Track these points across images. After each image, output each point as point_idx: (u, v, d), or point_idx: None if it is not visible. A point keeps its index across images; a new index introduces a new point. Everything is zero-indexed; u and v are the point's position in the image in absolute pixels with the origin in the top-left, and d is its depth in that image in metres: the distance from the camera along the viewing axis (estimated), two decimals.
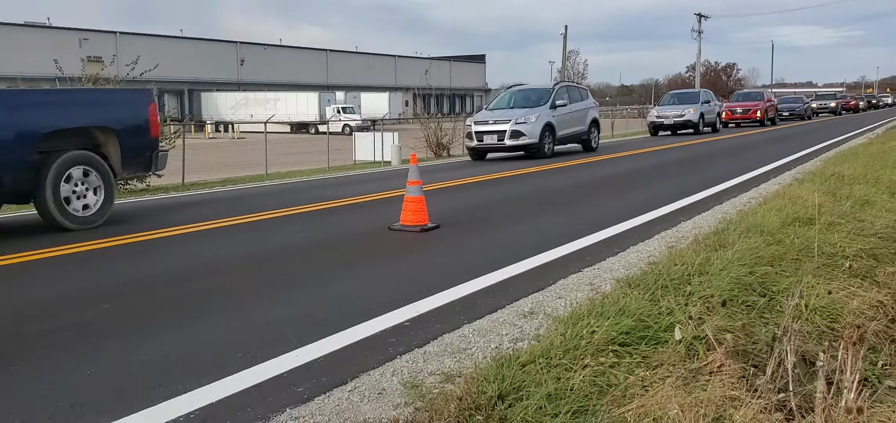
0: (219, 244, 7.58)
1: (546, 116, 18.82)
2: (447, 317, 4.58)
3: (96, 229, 8.66)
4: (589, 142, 20.79)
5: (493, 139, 18.68)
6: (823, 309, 4.30)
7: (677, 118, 29.41)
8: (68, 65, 17.26)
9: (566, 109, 19.67)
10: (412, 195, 7.93)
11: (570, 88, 21.21)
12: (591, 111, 21.28)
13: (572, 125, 20.06)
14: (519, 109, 19.23)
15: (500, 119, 18.91)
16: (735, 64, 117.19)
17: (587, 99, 21.69)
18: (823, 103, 59.86)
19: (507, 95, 21.12)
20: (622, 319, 3.97)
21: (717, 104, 32.75)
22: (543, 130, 18.54)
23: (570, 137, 20.07)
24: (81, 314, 4.93)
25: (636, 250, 6.47)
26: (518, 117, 18.54)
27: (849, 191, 8.61)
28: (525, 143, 18.33)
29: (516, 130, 18.32)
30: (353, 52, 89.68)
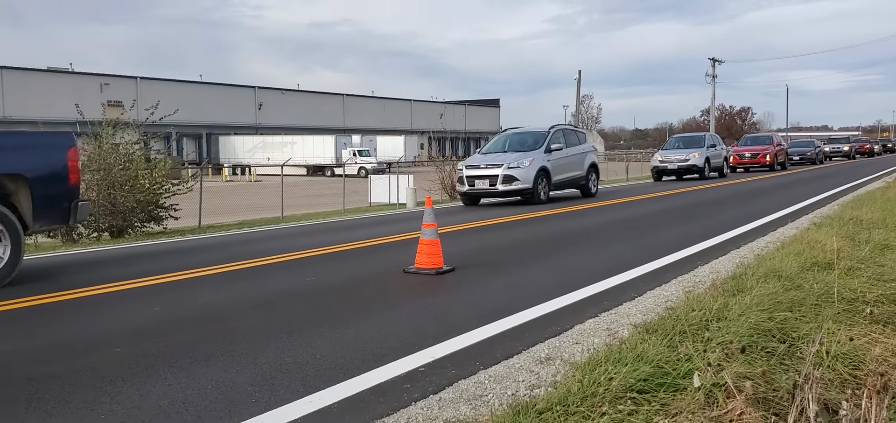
0: (231, 287, 7.58)
1: (540, 160, 18.06)
2: (463, 362, 4.54)
3: (103, 272, 8.69)
4: (587, 187, 20.02)
5: (484, 184, 17.94)
6: (845, 356, 4.22)
7: (681, 163, 28.42)
8: (89, 109, 17.54)
9: (562, 154, 18.93)
10: (427, 238, 7.92)
11: (566, 132, 20.32)
12: (589, 155, 20.53)
13: (569, 170, 19.35)
14: (512, 152, 18.54)
15: (492, 163, 18.14)
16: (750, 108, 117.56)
17: (585, 143, 20.95)
18: (836, 147, 58.40)
19: (501, 138, 20.48)
20: (640, 365, 3.91)
21: (724, 148, 31.88)
22: (538, 174, 17.80)
23: (567, 182, 19.39)
24: (86, 358, 4.92)
25: (653, 294, 6.41)
26: (510, 162, 17.79)
27: (868, 235, 8.52)
28: (518, 188, 17.62)
29: (509, 174, 17.60)
30: (370, 96, 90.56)
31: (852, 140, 65.22)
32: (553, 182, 18.34)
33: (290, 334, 5.38)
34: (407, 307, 6.27)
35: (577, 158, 19.78)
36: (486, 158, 18.85)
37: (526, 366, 4.43)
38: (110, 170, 14.93)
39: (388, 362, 4.56)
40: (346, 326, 5.58)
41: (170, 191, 15.93)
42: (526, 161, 17.74)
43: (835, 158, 54.09)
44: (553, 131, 19.23)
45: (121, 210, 14.81)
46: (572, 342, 4.92)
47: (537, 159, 17.97)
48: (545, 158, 18.20)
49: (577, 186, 19.85)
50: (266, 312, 6.25)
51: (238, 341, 5.23)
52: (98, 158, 15.13)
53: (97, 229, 14.77)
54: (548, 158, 18.29)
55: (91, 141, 15.78)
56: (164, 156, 17.98)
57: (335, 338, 5.22)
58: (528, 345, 4.88)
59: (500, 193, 17.85)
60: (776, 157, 35.52)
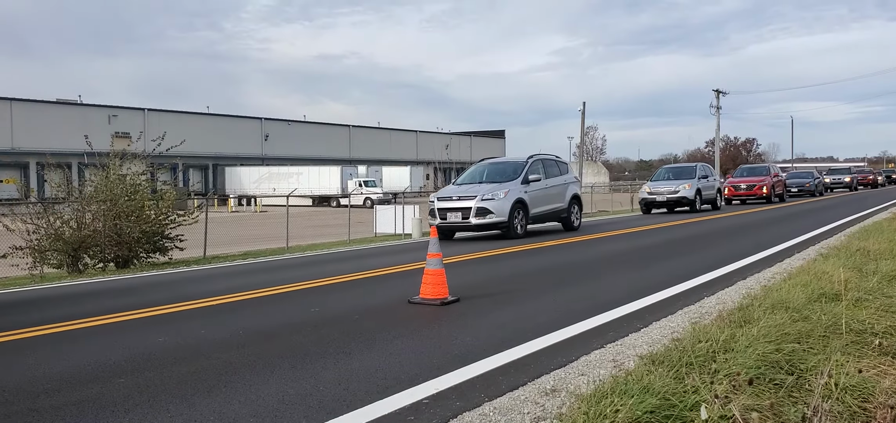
0: (235, 318, 7.55)
1: (517, 191, 17.17)
2: (467, 394, 4.50)
3: (108, 302, 8.68)
4: (569, 220, 18.96)
5: (457, 217, 16.91)
6: (854, 388, 4.16)
7: (671, 195, 27.14)
8: (97, 140, 17.64)
9: (541, 185, 18.02)
10: (432, 268, 7.89)
11: (545, 162, 19.18)
12: (571, 187, 19.48)
13: (548, 202, 18.36)
14: (488, 183, 17.61)
15: (465, 195, 17.20)
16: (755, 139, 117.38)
17: (567, 174, 19.92)
18: (837, 178, 55.59)
19: (478, 168, 19.47)
20: (646, 397, 3.86)
21: (717, 180, 30.32)
22: (514, 207, 16.85)
23: (547, 214, 18.44)
24: (90, 389, 4.90)
25: (659, 325, 6.36)
26: (484, 193, 16.87)
27: (875, 266, 8.46)
28: (493, 221, 16.64)
29: (482, 207, 16.64)
30: (376, 127, 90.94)
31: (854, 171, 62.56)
32: (531, 215, 17.51)
33: (293, 365, 5.35)
34: (411, 338, 6.23)
35: (558, 189, 18.86)
36: (459, 189, 17.99)
37: (531, 398, 4.39)
38: (117, 201, 14.98)
39: (393, 393, 4.53)
40: (350, 357, 5.55)
41: (175, 222, 15.96)
42: (501, 193, 16.89)
43: (836, 190, 52.17)
44: (531, 162, 18.35)
45: (126, 241, 14.84)
46: (578, 374, 4.88)
47: (513, 191, 17.12)
48: (522, 189, 17.38)
49: (558, 218, 18.98)
50: (270, 343, 6.22)
51: (241, 373, 5.20)
52: (105, 188, 15.19)
53: (103, 260, 14.79)
54: (525, 189, 17.46)
55: (98, 172, 15.85)
56: (170, 187, 18.05)
57: (339, 369, 5.19)
58: (533, 376, 4.84)
59: (474, 227, 16.86)
60: (773, 188, 33.84)
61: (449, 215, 17.04)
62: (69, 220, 14.89)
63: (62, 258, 14.54)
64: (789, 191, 39.07)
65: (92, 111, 61.96)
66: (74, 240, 14.51)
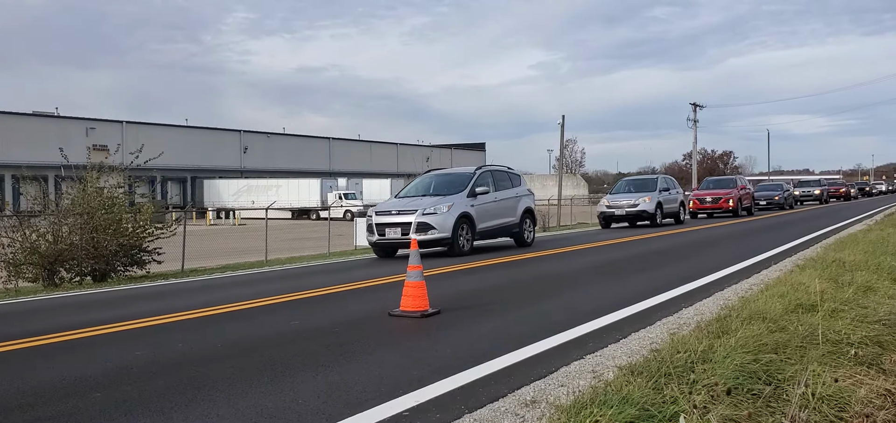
0: (214, 331, 7.49)
1: (462, 205, 16.02)
2: (448, 406, 4.49)
3: (85, 315, 8.59)
4: (521, 235, 17.80)
5: (396, 233, 15.66)
6: (830, 398, 4.21)
7: (630, 208, 25.85)
8: (74, 153, 17.49)
9: (489, 198, 16.91)
10: (413, 280, 7.88)
11: (496, 173, 18.13)
12: (523, 200, 18.29)
13: (498, 216, 17.19)
14: (432, 196, 16.47)
15: (405, 209, 16.00)
16: (731, 152, 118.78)
17: (520, 186, 18.72)
18: (807, 191, 52.71)
19: (424, 180, 18.30)
20: (626, 407, 3.88)
21: (680, 192, 28.99)
22: (458, 221, 15.68)
23: (497, 229, 17.26)
24: (66, 403, 4.84)
25: (638, 336, 6.40)
26: (425, 207, 15.69)
27: (851, 277, 8.56)
28: (435, 237, 15.41)
29: (423, 222, 15.42)
30: (356, 139, 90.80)
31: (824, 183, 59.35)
32: (478, 230, 16.40)
33: (272, 378, 5.32)
34: (391, 351, 6.22)
35: (509, 202, 17.73)
36: (400, 202, 16.83)
37: (511, 409, 4.39)
38: (94, 214, 14.82)
39: (372, 406, 4.51)
40: (329, 370, 5.52)
41: (153, 235, 15.82)
42: (444, 206, 15.71)
43: (806, 203, 50.04)
44: (479, 173, 17.30)
45: (103, 254, 14.68)
46: (557, 385, 4.89)
47: (458, 204, 15.97)
48: (468, 202, 16.24)
49: (510, 233, 17.81)
50: (248, 356, 6.17)
51: (219, 386, 5.16)
52: (82, 201, 15.03)
53: (79, 273, 14.62)
54: (471, 202, 16.32)
55: (75, 185, 15.69)
56: (148, 200, 17.89)
57: (318, 383, 5.16)
58: (513, 388, 4.84)
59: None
60: (740, 201, 32.54)
61: (388, 230, 15.88)
62: (45, 233, 14.71)
63: (38, 272, 14.36)
64: (758, 204, 38.10)
65: (69, 124, 61.36)
66: (50, 253, 14.33)
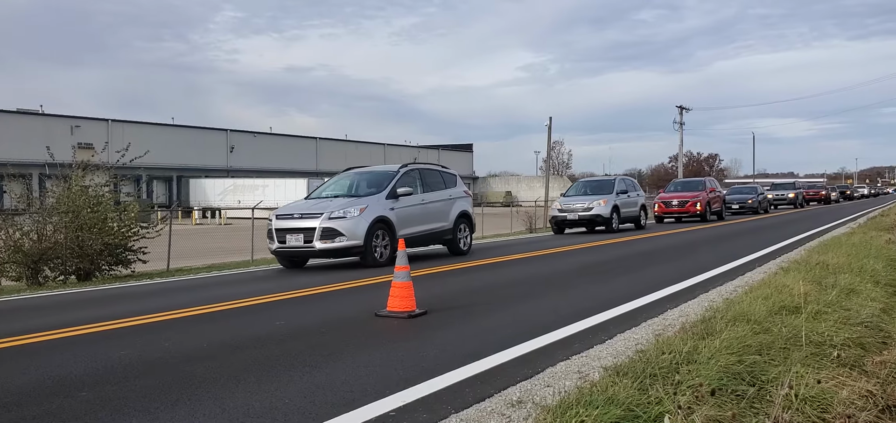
0: (199, 331, 7.47)
1: (378, 208, 14.05)
2: (434, 406, 4.50)
3: (69, 314, 8.54)
4: (454, 242, 15.87)
5: (297, 240, 13.62)
6: (813, 399, 4.25)
7: (584, 212, 23.91)
8: (59, 151, 17.37)
9: (414, 200, 14.98)
10: (400, 281, 7.88)
11: (425, 172, 16.10)
12: (458, 203, 16.29)
13: (426, 221, 15.21)
14: (343, 198, 14.52)
15: (309, 212, 13.87)
16: (717, 154, 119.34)
17: (454, 186, 16.59)
18: (781, 194, 50.07)
19: (341, 178, 16.22)
20: (611, 408, 3.91)
21: (641, 195, 26.98)
22: (373, 227, 13.69)
23: (424, 236, 15.26)
24: (50, 403, 4.81)
25: (623, 337, 6.43)
26: (333, 210, 13.61)
27: (834, 280, 8.64)
28: (344, 245, 13.44)
29: (329, 227, 13.39)
30: (343, 139, 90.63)
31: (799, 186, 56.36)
32: (399, 236, 13.62)
33: (258, 379, 5.31)
34: (378, 351, 6.22)
35: (440, 205, 15.75)
36: (307, 204, 14.84)
37: (497, 410, 4.41)
38: (79, 212, 14.72)
39: (358, 406, 4.52)
40: (315, 370, 5.52)
41: (139, 234, 15.73)
42: (354, 209, 13.67)
43: (781, 207, 47.55)
44: (404, 172, 15.28)
45: (88, 253, 14.58)
46: (543, 385, 4.91)
47: (373, 207, 13.99)
48: (387, 205, 14.27)
49: (441, 240, 15.83)
50: (234, 356, 6.16)
51: (205, 386, 5.15)
52: (67, 200, 14.93)
53: (64, 272, 14.52)
54: (391, 205, 14.36)
55: (60, 183, 15.58)
56: (133, 199, 17.78)
57: (305, 383, 5.16)
58: (499, 388, 4.86)
59: (319, 253, 13.61)
60: (709, 205, 30.52)
61: (289, 237, 13.78)
62: (29, 232, 14.59)
63: (21, 271, 14.24)
64: (730, 208, 36.62)
65: (54, 121, 60.87)
66: (34, 252, 14.23)
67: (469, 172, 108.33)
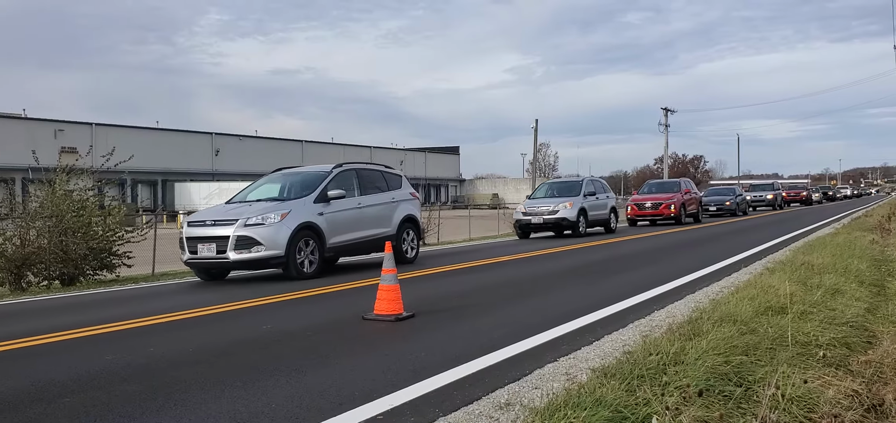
0: (185, 335, 7.42)
1: (304, 213, 12.63)
2: (422, 410, 4.48)
3: (53, 320, 8.46)
4: (398, 250, 14.25)
5: (209, 250, 12.12)
6: (800, 399, 4.27)
7: (548, 216, 22.66)
8: (43, 155, 17.24)
9: (349, 203, 13.59)
10: (387, 284, 7.86)
11: (364, 173, 14.66)
12: (402, 206, 14.94)
13: (363, 227, 13.84)
14: (265, 202, 13.12)
15: (224, 219, 12.43)
16: (702, 156, 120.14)
17: (398, 188, 15.25)
18: (759, 196, 48.21)
19: (269, 180, 14.69)
20: (599, 410, 3.91)
21: (611, 197, 25.64)
22: (297, 235, 12.22)
23: (362, 243, 13.89)
24: (33, 409, 4.76)
25: (611, 338, 6.44)
26: (250, 216, 12.15)
27: (819, 280, 8.69)
28: (262, 256, 11.96)
29: (245, 235, 11.90)
30: (329, 142, 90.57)
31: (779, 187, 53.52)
32: (330, 245, 13.01)
33: (245, 383, 5.27)
34: (365, 354, 6.20)
35: (381, 209, 14.42)
36: (223, 210, 13.39)
37: (485, 412, 4.40)
38: (63, 217, 14.60)
39: (346, 410, 4.49)
40: (302, 374, 5.49)
41: (123, 238, 15.61)
42: (275, 215, 12.22)
43: (760, 209, 46.02)
44: (336, 173, 13.79)
45: (72, 258, 14.45)
46: (531, 387, 4.90)
47: (298, 212, 12.56)
48: (314, 210, 12.86)
49: (382, 248, 14.10)
50: (221, 360, 6.12)
51: (191, 391, 5.11)
52: (50, 204, 14.80)
53: (48, 277, 14.38)
54: (320, 209, 12.95)
55: (44, 187, 15.45)
56: (118, 203, 17.66)
57: (291, 387, 5.13)
58: (487, 390, 4.85)
59: (233, 264, 12.24)
60: (684, 207, 29.24)
61: (201, 246, 12.29)
62: (12, 236, 14.45)
63: (4, 276, 14.09)
64: (707, 210, 35.36)
65: (37, 126, 60.42)
66: (17, 257, 14.08)
67: (456, 175, 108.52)
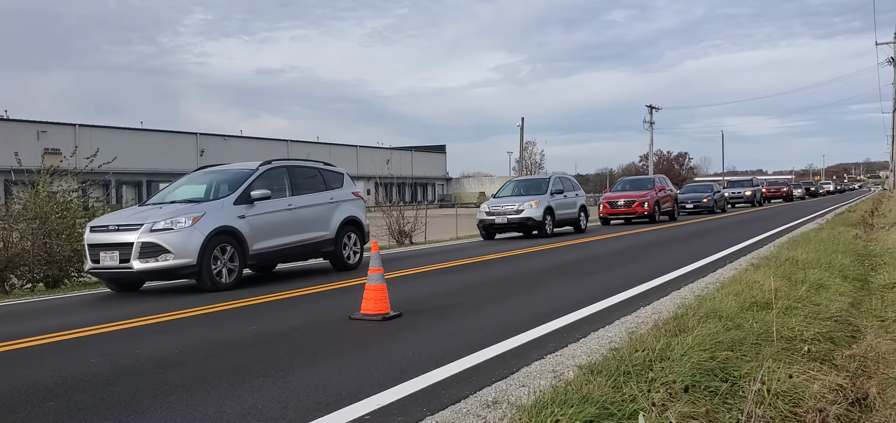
0: (171, 337, 7.38)
1: (221, 216, 11.24)
2: (409, 409, 4.48)
3: (37, 323, 8.39)
4: (337, 255, 13.29)
5: (112, 258, 10.80)
6: (785, 394, 4.30)
7: (513, 216, 21.43)
8: (26, 156, 17.12)
9: (277, 205, 12.25)
10: (373, 283, 7.85)
11: (296, 171, 13.27)
12: (343, 207, 13.58)
13: (294, 231, 12.51)
14: (181, 203, 11.82)
15: (128, 223, 11.06)
16: (686, 153, 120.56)
17: (339, 187, 13.87)
18: (738, 192, 47.02)
19: (193, 180, 13.27)
20: (586, 406, 3.92)
21: (581, 196, 24.37)
22: (212, 241, 10.87)
23: (293, 249, 12.60)
24: (16, 414, 4.72)
25: (597, 335, 6.46)
26: (157, 220, 10.82)
27: (803, 275, 8.75)
28: (169, 265, 10.65)
29: (151, 242, 10.60)
30: (315, 142, 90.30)
31: (757, 182, 52.31)
32: (253, 251, 11.66)
33: (231, 384, 5.25)
34: (352, 354, 6.18)
35: (317, 211, 13.11)
36: (132, 212, 12.17)
37: (473, 410, 4.40)
38: (47, 219, 14.49)
39: (333, 410, 4.48)
40: (289, 375, 5.47)
41: None
42: (185, 219, 10.84)
43: (739, 205, 45.03)
44: (262, 171, 12.39)
45: (57, 260, 14.35)
46: (519, 385, 4.91)
47: (213, 215, 11.16)
48: (234, 212, 11.48)
49: (320, 253, 13.31)
50: (207, 361, 6.09)
51: (177, 393, 5.08)
52: (34, 206, 14.68)
53: (32, 280, 14.27)
54: (241, 212, 11.57)
55: (27, 189, 15.32)
56: (102, 204, 17.54)
57: (278, 388, 5.11)
58: (474, 389, 4.85)
59: (138, 275, 10.93)
60: (658, 205, 28.09)
61: (103, 254, 11.01)
62: None
63: None
64: (684, 207, 34.52)
65: (19, 127, 59.89)
66: (0, 260, 13.97)
67: (443, 174, 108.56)
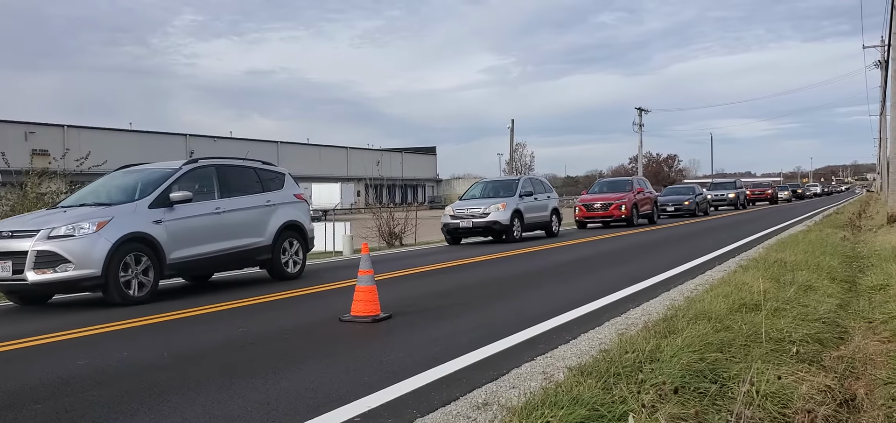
0: (159, 338, 7.34)
1: (133, 221, 10.03)
2: (399, 411, 4.47)
3: (23, 325, 8.33)
4: (274, 263, 12.12)
5: (4, 269, 9.47)
6: (774, 395, 4.31)
7: (478, 219, 20.16)
8: (14, 158, 17.05)
9: (202, 208, 11.03)
10: (363, 285, 7.83)
11: (227, 170, 11.94)
12: (281, 210, 12.37)
13: (223, 237, 11.28)
14: (91, 206, 10.48)
15: (23, 230, 9.78)
16: (676, 155, 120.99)
17: (279, 189, 12.63)
18: (721, 194, 45.41)
19: (113, 180, 11.68)
20: (576, 408, 3.92)
21: (553, 198, 23.23)
22: (120, 249, 9.68)
23: (223, 257, 11.36)
24: (1, 417, 4.69)
25: (587, 337, 6.47)
26: (56, 226, 9.59)
27: (792, 277, 8.79)
28: (69, 277, 9.38)
29: (48, 251, 9.36)
30: (305, 143, 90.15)
31: (740, 184, 50.77)
32: (171, 261, 10.42)
33: (220, 387, 5.23)
34: (342, 356, 6.17)
35: (251, 215, 11.86)
36: (30, 217, 10.88)
37: (463, 412, 4.39)
38: None
39: (323, 413, 4.47)
40: (278, 377, 5.45)
41: None
42: (89, 224, 9.63)
43: (722, 208, 43.72)
44: (185, 171, 11.11)
45: None
46: (509, 387, 4.91)
47: (123, 220, 9.95)
48: (148, 216, 10.26)
49: (256, 262, 12.09)
50: (195, 364, 6.06)
51: (166, 395, 5.05)
52: (22, 207, 14.60)
53: None
54: (158, 216, 10.36)
55: (15, 190, 15.24)
56: None
57: (268, 390, 5.09)
58: (465, 391, 4.85)
59: (33, 287, 9.59)
60: (636, 208, 26.75)
61: None
62: None
63: None
64: (664, 210, 33.16)
65: (7, 127, 59.48)
66: None
67: (433, 175, 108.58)
